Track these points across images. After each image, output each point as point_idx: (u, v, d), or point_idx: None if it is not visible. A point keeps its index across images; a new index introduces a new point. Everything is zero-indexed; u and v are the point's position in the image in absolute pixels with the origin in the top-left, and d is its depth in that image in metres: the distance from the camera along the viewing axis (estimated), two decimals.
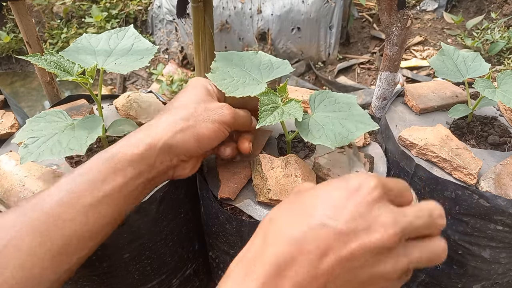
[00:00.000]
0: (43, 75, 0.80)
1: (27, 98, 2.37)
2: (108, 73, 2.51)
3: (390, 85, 0.78)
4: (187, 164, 0.50)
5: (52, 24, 2.63)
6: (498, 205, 0.55)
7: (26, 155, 0.49)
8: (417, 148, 0.63)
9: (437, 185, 0.60)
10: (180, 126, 0.46)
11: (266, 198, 0.53)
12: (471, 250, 0.62)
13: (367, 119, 0.54)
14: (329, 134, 0.52)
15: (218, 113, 0.49)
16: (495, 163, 0.62)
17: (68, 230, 0.39)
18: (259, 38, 2.34)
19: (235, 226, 0.55)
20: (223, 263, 0.68)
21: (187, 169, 0.51)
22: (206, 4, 0.66)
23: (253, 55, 0.60)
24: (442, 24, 2.55)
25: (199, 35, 0.67)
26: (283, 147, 0.65)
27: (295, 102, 0.53)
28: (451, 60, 0.70)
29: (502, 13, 2.42)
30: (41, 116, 0.55)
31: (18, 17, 0.73)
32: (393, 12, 0.69)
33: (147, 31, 2.63)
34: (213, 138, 0.49)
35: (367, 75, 2.33)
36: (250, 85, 0.55)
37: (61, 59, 0.55)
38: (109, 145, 0.48)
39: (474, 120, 0.71)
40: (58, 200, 0.40)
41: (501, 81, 0.64)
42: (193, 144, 0.47)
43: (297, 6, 2.25)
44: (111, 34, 0.61)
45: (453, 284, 0.69)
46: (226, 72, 0.56)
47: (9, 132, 0.69)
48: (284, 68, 0.58)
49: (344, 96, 0.58)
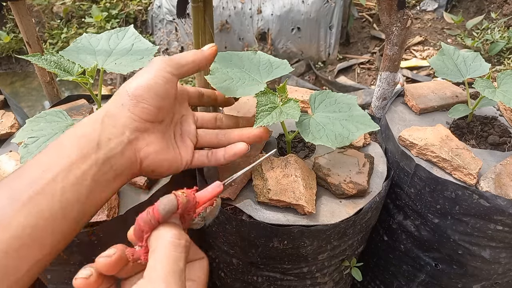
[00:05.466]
0: (43, 75, 0.80)
1: (27, 98, 2.37)
2: (108, 73, 2.51)
3: (390, 85, 0.78)
4: (148, 138, 0.44)
5: (52, 24, 2.63)
6: (498, 205, 0.55)
7: (26, 155, 0.50)
8: (417, 148, 0.63)
9: (437, 185, 0.60)
10: (118, 96, 0.43)
11: (266, 198, 0.53)
12: (471, 250, 0.62)
13: (368, 120, 0.54)
14: (329, 134, 0.52)
15: (151, 61, 0.46)
16: (495, 163, 0.62)
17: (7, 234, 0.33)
18: (259, 38, 2.34)
19: (235, 226, 0.55)
20: (223, 263, 0.68)
21: (151, 147, 0.44)
22: (206, 4, 0.65)
23: (252, 55, 0.60)
24: (442, 24, 2.55)
25: (199, 35, 0.67)
26: (283, 147, 0.65)
27: (293, 102, 0.53)
28: (451, 60, 0.70)
29: (502, 13, 2.42)
30: (41, 116, 0.55)
31: (18, 17, 0.73)
32: (393, 12, 0.69)
33: (147, 31, 2.63)
34: (151, 85, 0.43)
35: (367, 75, 2.33)
36: (249, 85, 0.55)
37: (61, 59, 0.55)
38: None
39: (474, 120, 0.71)
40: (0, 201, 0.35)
41: (501, 81, 0.64)
42: (130, 101, 0.42)
43: (297, 6, 2.25)
44: (111, 34, 0.61)
45: (453, 284, 0.69)
46: (225, 73, 0.56)
47: (9, 132, 0.69)
48: (283, 68, 0.58)
49: (344, 97, 0.58)
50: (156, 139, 0.45)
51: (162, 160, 0.45)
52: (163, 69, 0.44)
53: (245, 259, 0.62)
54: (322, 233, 0.54)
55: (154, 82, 0.43)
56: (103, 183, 0.39)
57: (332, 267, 0.64)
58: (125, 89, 0.43)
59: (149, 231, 0.33)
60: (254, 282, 0.66)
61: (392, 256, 0.77)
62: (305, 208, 0.52)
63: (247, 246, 0.58)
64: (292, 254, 0.57)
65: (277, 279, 0.63)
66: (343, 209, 0.56)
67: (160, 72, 0.44)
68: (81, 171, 0.37)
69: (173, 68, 0.45)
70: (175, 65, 0.46)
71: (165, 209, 0.32)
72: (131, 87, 0.43)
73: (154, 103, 0.43)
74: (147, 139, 0.44)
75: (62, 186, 0.36)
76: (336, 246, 0.59)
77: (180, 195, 0.34)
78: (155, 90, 0.43)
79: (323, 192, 0.58)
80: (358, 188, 0.56)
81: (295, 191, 0.53)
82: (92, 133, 0.39)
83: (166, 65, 0.45)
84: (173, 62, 0.45)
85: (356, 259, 0.69)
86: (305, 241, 0.54)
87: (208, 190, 0.37)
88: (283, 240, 0.54)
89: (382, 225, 0.76)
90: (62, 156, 0.37)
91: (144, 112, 0.43)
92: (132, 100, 0.42)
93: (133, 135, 0.42)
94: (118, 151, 0.40)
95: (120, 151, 0.40)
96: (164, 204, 0.33)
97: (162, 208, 0.32)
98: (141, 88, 0.43)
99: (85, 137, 0.39)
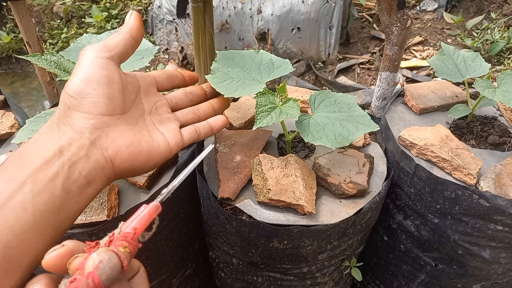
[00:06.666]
0: (43, 75, 0.80)
1: (27, 98, 2.37)
2: None
3: (390, 85, 0.78)
4: (113, 133, 0.40)
5: (52, 24, 2.63)
6: (498, 205, 0.55)
7: None
8: (417, 148, 0.63)
9: (437, 185, 0.60)
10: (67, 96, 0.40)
11: (266, 198, 0.53)
12: (471, 250, 0.62)
13: (368, 120, 0.54)
14: (329, 134, 0.52)
15: (82, 53, 0.42)
16: (495, 163, 0.62)
17: None
18: (259, 38, 2.34)
19: (235, 226, 0.55)
20: (223, 263, 0.68)
21: (119, 142, 0.40)
22: (206, 4, 0.66)
23: (254, 53, 0.60)
24: (442, 24, 2.55)
25: (199, 35, 0.67)
26: (283, 147, 0.65)
27: (293, 102, 0.53)
28: (451, 60, 0.70)
29: (502, 13, 2.42)
30: (41, 116, 0.55)
31: (18, 17, 0.73)
32: (393, 12, 0.69)
33: (147, 31, 2.63)
34: (90, 73, 0.40)
35: (367, 75, 2.33)
36: (249, 85, 0.55)
37: (61, 59, 0.55)
38: None
39: (474, 120, 0.71)
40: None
41: (501, 81, 0.64)
42: (72, 96, 0.39)
43: (297, 6, 2.25)
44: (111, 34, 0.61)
45: (453, 284, 0.69)
46: (226, 73, 0.56)
47: (9, 132, 0.69)
48: (284, 68, 0.58)
49: (344, 97, 0.58)
50: (124, 132, 0.41)
51: (136, 153, 0.42)
52: (95, 56, 0.41)
53: (245, 259, 0.62)
54: (322, 233, 0.54)
55: (90, 72, 0.40)
56: (75, 192, 0.36)
57: (332, 267, 0.64)
58: (65, 91, 0.40)
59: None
60: (254, 282, 0.66)
61: (392, 256, 0.77)
62: (305, 208, 0.52)
63: (247, 246, 0.58)
64: (292, 254, 0.57)
65: (277, 279, 0.63)
66: (343, 209, 0.56)
67: (93, 60, 0.41)
68: (47, 178, 0.34)
69: (104, 51, 0.42)
70: (104, 47, 0.42)
71: (108, 279, 0.27)
72: (69, 87, 0.40)
73: (99, 94, 0.40)
74: (111, 135, 0.40)
75: (31, 197, 0.33)
76: (336, 246, 0.59)
77: (122, 252, 0.29)
78: (94, 79, 0.40)
79: (323, 192, 0.58)
80: (358, 188, 0.56)
81: (295, 191, 0.53)
82: (50, 141, 0.37)
83: (96, 51, 0.42)
84: (102, 45, 0.43)
85: (356, 259, 0.69)
86: (305, 241, 0.54)
87: (146, 216, 0.33)
88: (283, 240, 0.54)
89: (382, 225, 0.76)
90: (26, 165, 0.35)
91: (93, 106, 0.39)
92: (76, 98, 0.39)
93: (93, 135, 0.39)
94: (82, 155, 0.37)
95: (84, 154, 0.37)
96: (107, 273, 0.27)
97: (105, 278, 0.27)
98: (79, 83, 0.39)
99: (45, 146, 0.36)
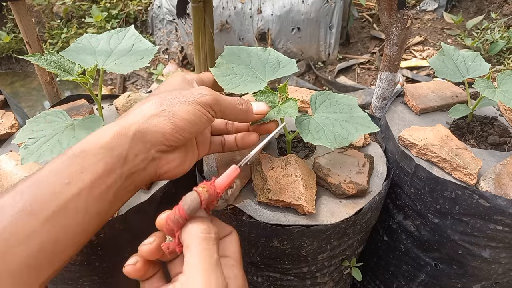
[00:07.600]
0: (43, 75, 0.80)
1: (27, 98, 2.37)
2: (108, 73, 2.51)
3: (390, 85, 0.78)
4: (171, 156, 0.43)
5: (52, 24, 2.63)
6: (498, 205, 0.55)
7: (26, 156, 0.49)
8: (417, 148, 0.63)
9: (437, 185, 0.60)
10: (153, 111, 0.41)
11: (266, 198, 0.53)
12: (471, 250, 0.62)
13: (368, 122, 0.54)
14: (329, 135, 0.52)
15: (196, 93, 0.43)
16: (495, 163, 0.62)
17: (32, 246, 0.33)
18: (259, 38, 2.34)
19: (235, 226, 0.55)
20: None
21: (172, 164, 0.44)
22: (206, 4, 0.66)
23: (261, 51, 0.60)
24: (442, 24, 2.55)
25: (199, 35, 0.67)
26: (283, 147, 0.65)
27: (292, 101, 0.53)
28: (451, 60, 0.70)
29: (502, 13, 2.42)
30: (41, 116, 0.55)
31: (18, 17, 0.73)
32: (393, 12, 0.69)
33: (147, 31, 2.63)
34: (193, 121, 0.42)
35: (367, 75, 2.33)
36: (251, 82, 0.55)
37: (61, 59, 0.55)
38: None
39: (474, 120, 0.71)
40: (20, 211, 0.33)
41: (501, 81, 0.64)
42: (169, 128, 0.41)
43: (297, 6, 2.25)
44: (112, 35, 0.61)
45: (453, 284, 0.69)
46: (230, 68, 0.56)
47: (9, 132, 0.69)
48: (289, 68, 0.58)
49: (345, 98, 0.58)
50: (179, 156, 0.44)
51: (180, 171, 0.46)
52: (208, 108, 0.43)
53: (245, 259, 0.62)
54: (322, 233, 0.54)
55: (199, 121, 0.43)
56: (122, 196, 0.39)
57: (332, 267, 0.64)
58: (168, 112, 0.41)
59: (178, 229, 0.36)
60: (254, 282, 0.66)
61: (392, 256, 0.77)
62: (305, 208, 0.52)
63: (247, 246, 0.58)
64: (292, 254, 0.57)
65: (277, 279, 0.63)
66: (343, 209, 0.56)
67: (206, 112, 0.43)
68: (106, 186, 0.37)
69: (217, 110, 0.45)
70: (218, 107, 0.45)
71: (189, 208, 0.35)
72: (176, 113, 0.41)
73: (189, 136, 0.43)
74: (170, 157, 0.43)
75: (85, 202, 0.36)
76: (336, 246, 0.59)
77: (202, 191, 0.36)
78: (196, 127, 0.43)
79: (323, 192, 0.58)
80: (358, 188, 0.56)
81: (295, 191, 0.53)
82: (119, 147, 0.38)
83: (212, 104, 0.44)
84: (219, 104, 0.45)
85: (356, 259, 0.69)
86: (305, 241, 0.54)
87: (226, 176, 0.39)
88: (283, 240, 0.54)
89: (382, 225, 0.76)
90: (88, 170, 0.36)
91: (176, 141, 0.42)
92: (173, 127, 0.41)
93: (158, 154, 0.41)
94: (142, 167, 0.40)
95: (143, 167, 0.40)
96: (188, 204, 0.35)
97: (187, 208, 0.35)
98: (185, 122, 0.42)
99: (112, 150, 0.38)
